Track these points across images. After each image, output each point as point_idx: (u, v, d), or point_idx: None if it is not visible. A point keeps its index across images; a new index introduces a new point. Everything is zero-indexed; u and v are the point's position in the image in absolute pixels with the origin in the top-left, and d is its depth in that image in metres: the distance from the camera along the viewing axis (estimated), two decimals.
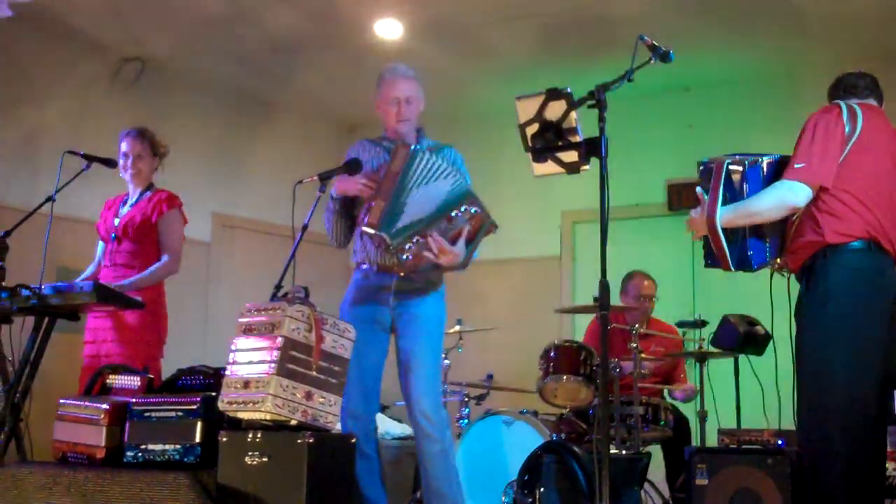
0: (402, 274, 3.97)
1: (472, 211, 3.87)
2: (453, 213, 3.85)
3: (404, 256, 3.81)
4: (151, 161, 4.90)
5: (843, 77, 3.81)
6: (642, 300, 5.75)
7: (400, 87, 4.07)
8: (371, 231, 3.80)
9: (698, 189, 3.70)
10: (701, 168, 3.76)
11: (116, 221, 4.79)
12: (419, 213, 3.82)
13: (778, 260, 3.74)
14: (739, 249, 3.62)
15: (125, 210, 4.83)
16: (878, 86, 3.78)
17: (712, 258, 3.72)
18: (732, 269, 3.65)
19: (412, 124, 4.10)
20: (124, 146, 4.86)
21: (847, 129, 3.50)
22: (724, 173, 3.63)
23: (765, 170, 3.64)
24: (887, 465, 4.10)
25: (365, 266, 4.03)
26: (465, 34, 6.38)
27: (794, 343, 3.58)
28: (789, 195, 3.50)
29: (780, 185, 3.53)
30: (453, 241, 3.86)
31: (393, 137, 4.08)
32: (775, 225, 3.66)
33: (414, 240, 3.81)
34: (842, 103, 3.59)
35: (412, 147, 3.90)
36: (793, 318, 3.63)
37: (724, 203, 3.60)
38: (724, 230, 3.58)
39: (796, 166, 3.50)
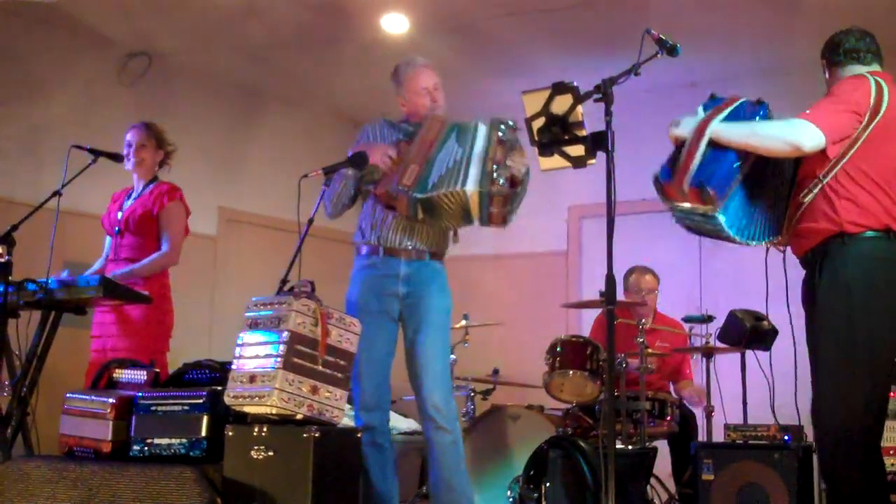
0: (409, 258, 3.99)
1: (510, 123, 3.91)
2: (502, 137, 3.88)
3: (500, 184, 3.76)
4: (155, 153, 4.89)
5: (840, 39, 3.59)
6: (643, 295, 5.74)
7: (427, 76, 4.15)
8: (404, 188, 3.81)
9: (699, 108, 3.51)
10: (712, 98, 3.58)
11: (120, 215, 4.80)
12: (448, 165, 3.86)
13: (778, 237, 3.58)
14: (709, 168, 3.31)
15: (129, 203, 4.84)
16: (879, 47, 3.58)
17: (667, 173, 3.41)
18: (685, 185, 3.32)
19: (441, 111, 4.14)
20: (128, 136, 4.88)
21: (871, 105, 3.34)
22: (738, 103, 3.47)
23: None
24: (889, 462, 4.09)
25: (371, 251, 4.04)
26: (471, 28, 6.37)
27: (810, 329, 3.44)
28: (800, 132, 3.27)
29: (792, 120, 3.32)
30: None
31: (417, 122, 4.12)
32: (778, 200, 3.53)
33: (496, 171, 3.79)
34: (871, 78, 3.41)
35: (449, 123, 3.97)
36: (799, 311, 3.58)
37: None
38: (710, 144, 3.33)
39: (808, 112, 3.31)
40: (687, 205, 3.34)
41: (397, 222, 3.99)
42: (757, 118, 3.49)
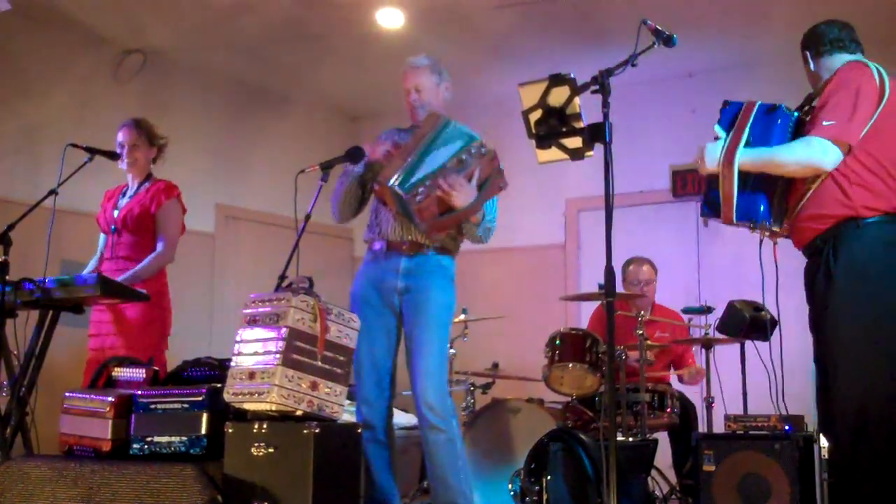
0: (410, 253, 3.97)
1: (483, 151, 3.85)
2: (463, 156, 3.83)
3: (417, 199, 3.74)
4: (148, 151, 4.89)
5: (824, 30, 3.61)
6: (641, 286, 5.73)
7: (408, 77, 4.16)
8: (386, 183, 3.77)
9: (717, 126, 3.56)
10: (726, 106, 3.63)
11: (116, 213, 4.79)
12: (433, 165, 3.82)
13: (775, 227, 3.59)
14: (748, 199, 3.44)
15: (124, 201, 4.83)
16: (858, 38, 3.61)
17: (710, 206, 3.53)
18: (734, 219, 3.45)
19: (425, 111, 4.09)
20: (120, 136, 4.87)
21: (878, 91, 3.35)
22: (754, 113, 3.50)
23: (794, 122, 3.49)
24: None
25: (376, 246, 4.04)
26: (466, 22, 6.36)
27: (823, 313, 3.41)
28: (819, 155, 3.30)
29: (811, 140, 3.33)
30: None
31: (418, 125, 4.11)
32: (784, 188, 3.53)
33: (426, 184, 3.77)
34: (871, 64, 3.42)
35: (444, 117, 3.93)
36: (799, 302, 3.56)
37: (746, 146, 3.45)
38: (738, 173, 3.41)
39: (825, 123, 3.32)
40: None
41: (394, 217, 3.98)
42: (777, 122, 3.49)
